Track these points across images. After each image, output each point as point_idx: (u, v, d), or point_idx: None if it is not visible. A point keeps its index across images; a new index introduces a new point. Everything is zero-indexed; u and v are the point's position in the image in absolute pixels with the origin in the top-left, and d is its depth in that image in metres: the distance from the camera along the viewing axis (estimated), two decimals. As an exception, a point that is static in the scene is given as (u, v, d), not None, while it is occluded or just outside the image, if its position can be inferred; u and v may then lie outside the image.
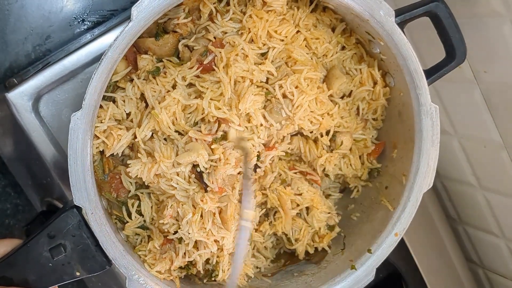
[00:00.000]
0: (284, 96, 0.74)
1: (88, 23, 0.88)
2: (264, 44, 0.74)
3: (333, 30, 0.79)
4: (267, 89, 0.74)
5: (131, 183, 0.74)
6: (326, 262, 0.82)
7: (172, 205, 0.71)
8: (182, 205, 0.71)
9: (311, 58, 0.77)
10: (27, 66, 0.86)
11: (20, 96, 0.77)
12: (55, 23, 0.86)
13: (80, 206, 0.65)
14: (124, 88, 0.71)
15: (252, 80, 0.72)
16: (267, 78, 0.74)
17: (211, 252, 0.73)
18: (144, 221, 0.75)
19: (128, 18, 0.63)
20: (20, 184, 0.91)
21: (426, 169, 0.74)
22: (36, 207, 0.90)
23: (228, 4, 0.73)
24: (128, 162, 0.72)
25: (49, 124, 0.80)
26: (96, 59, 0.79)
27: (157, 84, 0.71)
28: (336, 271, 0.77)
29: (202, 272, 0.76)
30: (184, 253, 0.73)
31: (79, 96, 0.78)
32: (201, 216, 0.71)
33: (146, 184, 0.73)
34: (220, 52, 0.71)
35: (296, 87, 0.73)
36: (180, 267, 0.75)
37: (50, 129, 0.80)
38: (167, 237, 0.73)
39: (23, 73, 0.82)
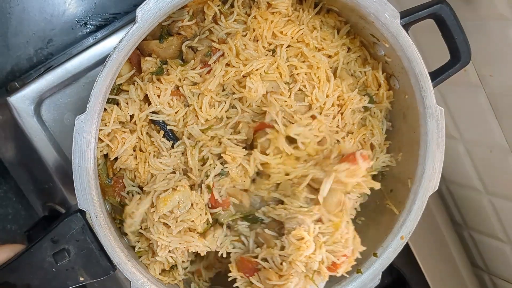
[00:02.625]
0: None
1: (90, 26, 0.88)
2: (270, 44, 0.73)
3: (338, 32, 0.78)
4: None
5: (133, 185, 0.73)
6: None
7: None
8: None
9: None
10: (29, 69, 0.85)
11: (22, 100, 0.76)
12: (57, 26, 0.86)
13: (84, 210, 0.64)
14: (127, 91, 0.71)
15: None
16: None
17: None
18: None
19: (131, 21, 0.62)
20: (22, 189, 0.90)
21: (431, 172, 0.73)
22: (38, 212, 0.89)
23: (232, 6, 0.73)
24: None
25: (51, 129, 0.79)
26: (99, 62, 0.78)
27: (162, 83, 0.70)
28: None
29: (181, 276, 0.73)
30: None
31: (81, 100, 0.78)
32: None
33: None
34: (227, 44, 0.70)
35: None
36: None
37: (52, 133, 0.79)
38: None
39: (25, 77, 0.82)
